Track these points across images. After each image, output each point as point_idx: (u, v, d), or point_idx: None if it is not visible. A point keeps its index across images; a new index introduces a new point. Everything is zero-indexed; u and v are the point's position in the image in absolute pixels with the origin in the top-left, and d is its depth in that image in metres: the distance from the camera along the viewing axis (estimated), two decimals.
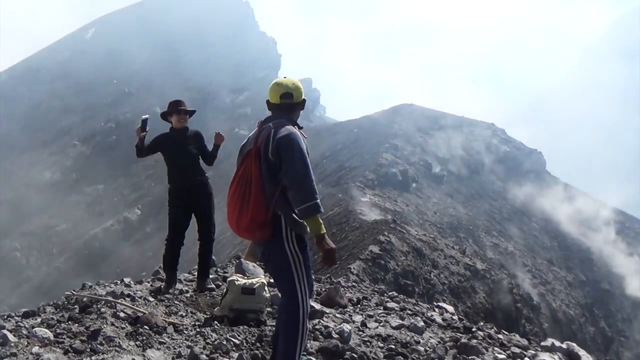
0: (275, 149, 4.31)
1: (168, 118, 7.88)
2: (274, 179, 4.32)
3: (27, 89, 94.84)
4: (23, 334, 5.08)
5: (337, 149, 57.59)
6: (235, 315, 6.37)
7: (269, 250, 4.51)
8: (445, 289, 26.21)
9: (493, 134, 73.14)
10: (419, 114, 70.64)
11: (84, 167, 76.10)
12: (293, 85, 4.59)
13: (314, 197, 4.19)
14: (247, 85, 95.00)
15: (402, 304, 8.70)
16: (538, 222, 58.06)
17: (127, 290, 7.44)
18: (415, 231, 30.10)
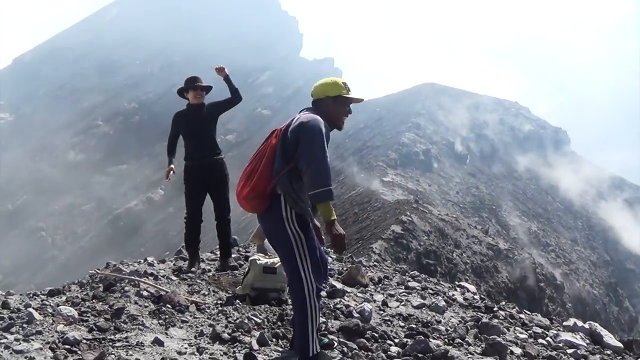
0: (295, 129, 4.39)
1: (184, 94, 7.86)
2: (286, 158, 4.41)
3: (51, 70, 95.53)
4: (48, 312, 5.15)
5: (359, 128, 57.42)
6: (256, 294, 6.41)
7: (270, 230, 4.61)
8: (468, 269, 26.17)
9: (517, 113, 72.51)
10: (442, 93, 70.16)
11: (107, 147, 76.72)
12: (317, 84, 4.71)
13: (327, 183, 4.21)
14: (268, 64, 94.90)
15: (423, 284, 8.70)
16: (562, 202, 57.62)
17: (151, 269, 7.50)
18: (438, 211, 30.02)
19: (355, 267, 8.26)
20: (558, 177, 60.87)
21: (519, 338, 6.34)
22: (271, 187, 4.43)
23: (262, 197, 4.46)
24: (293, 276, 4.46)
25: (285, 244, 4.47)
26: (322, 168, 4.21)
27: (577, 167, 65.69)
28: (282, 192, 4.42)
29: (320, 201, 4.21)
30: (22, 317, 4.89)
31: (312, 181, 4.20)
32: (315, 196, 4.21)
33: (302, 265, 4.41)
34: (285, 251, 4.50)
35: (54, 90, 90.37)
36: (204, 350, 4.73)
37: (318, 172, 4.20)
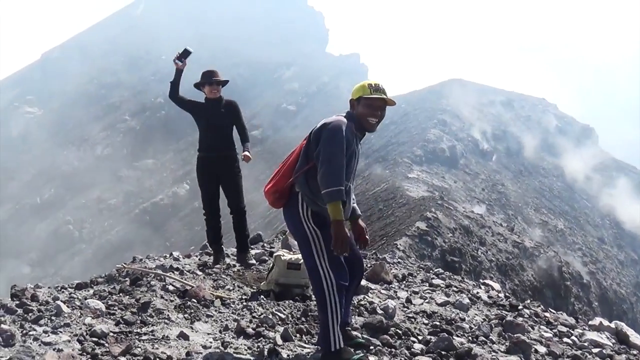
0: (318, 130, 4.55)
1: (201, 88, 7.88)
2: (307, 157, 4.60)
3: (79, 65, 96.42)
4: (76, 305, 5.24)
5: (384, 124, 57.03)
6: (281, 289, 6.45)
7: (290, 227, 4.77)
8: (493, 267, 26.01)
9: (544, 109, 71.81)
10: (468, 89, 69.62)
11: (134, 142, 77.28)
12: (354, 86, 4.81)
13: (338, 183, 4.30)
14: (294, 60, 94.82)
15: (447, 281, 8.67)
16: (589, 200, 57.00)
17: (176, 263, 7.57)
18: (463, 208, 29.87)
19: (379, 264, 8.26)
20: (585, 174, 60.22)
21: (544, 337, 6.31)
22: (289, 184, 4.64)
23: (280, 192, 4.69)
24: (312, 272, 4.57)
25: (304, 240, 4.62)
26: (334, 168, 4.33)
27: (604, 165, 64.91)
28: (299, 190, 4.60)
29: (329, 201, 4.31)
30: (50, 310, 4.97)
31: (323, 180, 4.34)
32: (325, 195, 4.32)
33: (320, 262, 4.52)
34: (304, 248, 4.64)
35: (82, 85, 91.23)
36: (228, 344, 4.78)
37: (329, 172, 4.32)
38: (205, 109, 7.81)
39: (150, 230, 62.30)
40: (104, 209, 67.32)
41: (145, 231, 61.89)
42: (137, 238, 59.77)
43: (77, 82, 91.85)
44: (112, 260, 38.90)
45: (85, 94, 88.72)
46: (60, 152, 76.49)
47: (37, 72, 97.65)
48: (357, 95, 4.69)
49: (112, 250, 57.72)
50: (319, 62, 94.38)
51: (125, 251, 49.05)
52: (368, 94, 4.65)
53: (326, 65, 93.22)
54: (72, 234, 64.25)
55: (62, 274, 53.25)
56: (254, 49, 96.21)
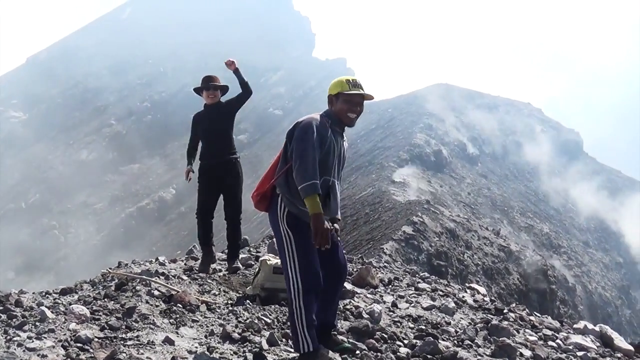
0: (291, 130, 4.60)
1: (200, 93, 7.90)
2: (286, 158, 4.64)
3: (65, 69, 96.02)
4: (61, 310, 5.21)
5: (370, 128, 57.33)
6: (267, 294, 6.44)
7: (272, 230, 4.79)
8: (479, 270, 26.11)
9: (530, 114, 72.21)
10: (454, 94, 69.93)
11: (119, 146, 76.99)
12: (331, 82, 4.85)
13: (312, 177, 4.34)
14: (280, 64, 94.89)
15: (433, 285, 8.70)
16: (574, 204, 57.35)
17: (162, 268, 7.56)
18: (449, 212, 29.96)
19: (365, 268, 8.27)
20: (571, 178, 60.62)
21: (529, 340, 6.34)
22: (269, 186, 4.69)
23: (262, 195, 4.76)
24: (284, 275, 4.62)
25: (279, 242, 4.67)
26: (306, 163, 4.37)
27: (590, 169, 65.37)
28: (280, 191, 4.63)
29: (305, 195, 4.34)
30: (34, 316, 4.95)
31: (297, 177, 4.39)
32: (301, 191, 4.35)
33: (289, 265, 4.56)
34: (279, 249, 4.69)
35: (68, 89, 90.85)
36: (214, 349, 4.77)
37: (302, 168, 4.36)
38: (204, 117, 7.86)
39: (136, 235, 62.06)
40: (89, 213, 67.00)
41: (130, 236, 61.64)
42: (123, 243, 59.50)
43: (63, 86, 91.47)
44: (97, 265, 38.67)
45: (70, 98, 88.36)
46: (45, 156, 76.07)
47: (23, 76, 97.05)
48: (336, 91, 4.70)
49: (97, 255, 57.39)
50: (305, 67, 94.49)
51: (111, 256, 48.76)
52: (347, 89, 4.67)
53: (313, 69, 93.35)
54: (57, 239, 63.89)
55: (48, 279, 52.89)
56: (240, 53, 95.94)
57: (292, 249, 4.56)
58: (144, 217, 65.44)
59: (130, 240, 60.17)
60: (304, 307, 4.50)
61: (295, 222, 4.58)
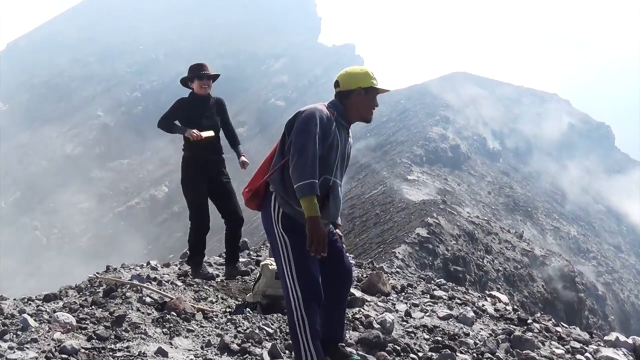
0: (291, 119, 4.47)
1: (189, 84, 7.71)
2: (283, 152, 4.49)
3: (48, 56, 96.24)
4: (44, 318, 5.22)
5: (381, 121, 57.29)
6: (268, 302, 6.44)
7: (265, 231, 4.65)
8: (500, 277, 26.09)
9: (556, 106, 72.06)
10: (474, 83, 69.81)
11: (107, 140, 77.19)
12: (344, 73, 4.71)
13: (310, 175, 4.20)
14: (283, 51, 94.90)
15: (450, 293, 8.69)
16: (604, 204, 57.22)
17: (154, 273, 7.56)
18: (467, 213, 29.94)
19: (376, 274, 8.27)
20: (601, 176, 60.44)
21: (555, 353, 6.32)
22: (262, 182, 4.56)
23: (254, 191, 4.61)
24: (282, 283, 4.53)
25: (273, 246, 4.56)
26: (306, 159, 4.22)
27: (621, 166, 65.17)
28: (274, 189, 4.51)
29: (301, 195, 4.21)
30: (16, 324, 4.96)
31: (294, 174, 4.24)
32: (297, 190, 4.22)
33: (286, 272, 4.45)
34: (274, 254, 4.57)
35: (51, 78, 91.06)
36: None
37: (301, 164, 4.22)
38: (193, 107, 7.64)
39: (126, 236, 62.17)
40: (74, 213, 67.17)
41: (119, 238, 61.76)
42: (111, 245, 59.63)
43: (46, 74, 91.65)
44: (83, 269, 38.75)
45: (54, 88, 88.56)
46: (27, 151, 76.28)
47: (2, 64, 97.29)
48: (369, 84, 4.60)
49: (83, 258, 57.53)
50: (310, 54, 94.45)
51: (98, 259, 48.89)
52: (376, 84, 4.61)
53: (318, 56, 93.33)
54: (39, 241, 64.11)
55: (29, 284, 53.02)
56: (239, 38, 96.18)
57: (288, 253, 4.45)
58: (134, 217, 65.61)
59: (120, 243, 60.29)
60: (307, 318, 4.40)
61: (292, 224, 4.44)
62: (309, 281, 4.43)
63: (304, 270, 4.43)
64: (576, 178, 58.63)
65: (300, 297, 4.41)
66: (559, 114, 69.46)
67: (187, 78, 7.67)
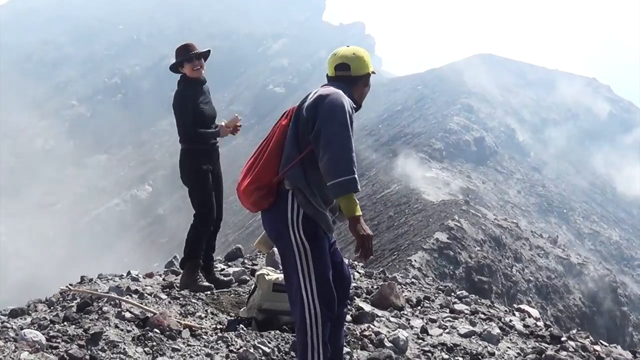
0: (313, 104, 4.31)
1: (180, 69, 7.62)
2: (299, 143, 4.33)
3: (15, 37, 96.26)
4: (10, 336, 5.23)
5: (395, 110, 57.28)
6: (265, 317, 6.44)
7: (273, 234, 4.52)
8: (531, 288, 26.08)
9: (595, 92, 71.92)
10: (501, 67, 69.72)
11: (83, 132, 77.22)
12: (353, 55, 4.58)
13: (351, 170, 4.08)
14: (283, 30, 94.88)
15: (473, 306, 8.69)
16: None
17: (135, 285, 7.57)
18: (494, 215, 29.91)
19: (388, 285, 8.27)
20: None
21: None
22: (279, 178, 4.35)
23: (265, 189, 4.38)
24: (293, 296, 4.41)
25: (287, 253, 4.38)
26: (345, 151, 4.10)
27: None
28: (292, 186, 4.33)
29: (341, 193, 4.09)
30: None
31: (331, 168, 4.08)
32: (336, 187, 4.08)
33: (304, 284, 4.32)
34: (287, 263, 4.43)
35: (19, 63, 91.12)
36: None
37: (339, 156, 4.09)
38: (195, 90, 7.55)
39: (103, 242, 62.21)
40: (45, 216, 67.26)
41: (96, 244, 61.78)
42: (87, 252, 59.66)
43: (13, 58, 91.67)
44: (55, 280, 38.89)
45: (23, 73, 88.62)
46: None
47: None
48: (371, 69, 4.59)
49: (55, 267, 57.63)
50: (314, 34, 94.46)
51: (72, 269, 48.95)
52: (372, 68, 4.61)
53: (323, 37, 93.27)
54: (5, 248, 64.15)
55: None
56: (233, 17, 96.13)
57: (308, 264, 4.31)
58: (113, 220, 65.63)
59: (96, 250, 60.30)
60: (321, 338, 4.34)
61: (314, 228, 4.31)
62: (329, 295, 4.35)
63: (325, 283, 4.34)
64: (618, 175, 58.50)
65: (319, 315, 4.31)
66: (598, 101, 69.34)
67: (177, 63, 7.59)
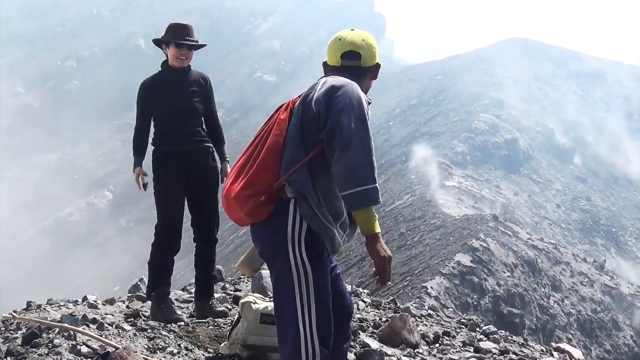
0: (324, 97, 4.14)
1: (164, 48, 7.52)
2: (305, 142, 4.16)
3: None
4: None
5: (410, 105, 57.36)
6: (250, 354, 6.44)
7: (267, 252, 4.29)
8: (572, 323, 26.09)
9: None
10: (537, 54, 69.81)
11: (30, 126, 77.17)
12: (363, 42, 4.47)
13: (373, 177, 3.97)
14: (274, 6, 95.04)
15: (502, 344, 8.70)
16: None
17: (93, 312, 7.57)
18: (527, 234, 29.94)
19: (399, 318, 8.29)
20: None
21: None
22: (280, 183, 4.14)
23: (264, 194, 4.14)
24: (285, 329, 4.25)
25: (283, 276, 4.21)
26: (365, 154, 3.98)
27: None
28: (295, 193, 4.14)
29: (360, 205, 3.99)
30: None
31: (348, 174, 3.94)
32: (354, 197, 3.96)
33: (302, 316, 4.17)
34: (281, 288, 4.25)
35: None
36: None
37: (358, 160, 3.95)
38: (166, 86, 7.45)
39: (54, 260, 62.15)
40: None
41: (45, 262, 61.73)
42: (34, 272, 59.62)
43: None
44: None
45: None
46: None
47: None
48: (376, 61, 4.47)
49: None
50: (311, 11, 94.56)
51: (15, 293, 48.99)
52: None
53: (323, 14, 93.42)
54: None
55: None
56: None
57: (308, 290, 4.17)
58: (65, 233, 65.59)
59: (45, 269, 60.26)
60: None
61: (318, 247, 4.15)
62: (329, 330, 4.24)
63: (326, 312, 4.21)
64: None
65: (317, 350, 4.17)
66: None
67: (163, 40, 7.50)
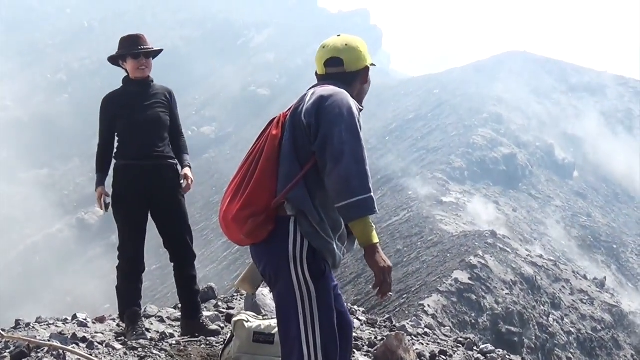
0: (313, 108, 4.13)
1: (121, 64, 7.48)
2: (299, 156, 4.13)
3: None
4: None
5: (406, 119, 57.40)
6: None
7: (268, 271, 4.27)
8: (572, 342, 26.11)
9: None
10: (537, 68, 69.96)
11: (18, 141, 77.09)
12: (345, 46, 4.46)
13: (367, 187, 3.98)
14: (269, 18, 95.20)
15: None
16: None
17: (82, 331, 7.57)
18: (526, 250, 29.98)
19: (395, 336, 8.30)
20: None
21: None
22: (278, 201, 4.11)
23: (262, 214, 4.11)
24: (290, 347, 4.21)
25: (286, 296, 4.19)
26: (358, 164, 3.97)
27: None
28: (295, 211, 4.12)
29: (356, 216, 3.98)
30: None
31: (342, 185, 3.94)
32: (349, 209, 3.96)
33: (306, 336, 4.12)
34: (284, 307, 4.22)
35: None
36: None
37: (351, 170, 3.95)
38: (127, 99, 7.44)
39: (43, 277, 62.02)
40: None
41: (34, 279, 61.59)
42: (23, 290, 59.48)
43: None
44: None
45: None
46: None
47: None
48: (370, 61, 4.47)
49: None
50: (307, 23, 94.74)
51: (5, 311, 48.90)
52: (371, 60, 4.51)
53: (318, 27, 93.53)
54: None
55: None
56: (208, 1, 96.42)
57: (312, 309, 4.13)
58: (55, 250, 65.45)
59: (35, 286, 60.13)
60: None
61: (321, 264, 4.14)
62: (335, 349, 4.18)
63: (330, 332, 4.17)
64: None
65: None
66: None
67: (118, 55, 7.40)
